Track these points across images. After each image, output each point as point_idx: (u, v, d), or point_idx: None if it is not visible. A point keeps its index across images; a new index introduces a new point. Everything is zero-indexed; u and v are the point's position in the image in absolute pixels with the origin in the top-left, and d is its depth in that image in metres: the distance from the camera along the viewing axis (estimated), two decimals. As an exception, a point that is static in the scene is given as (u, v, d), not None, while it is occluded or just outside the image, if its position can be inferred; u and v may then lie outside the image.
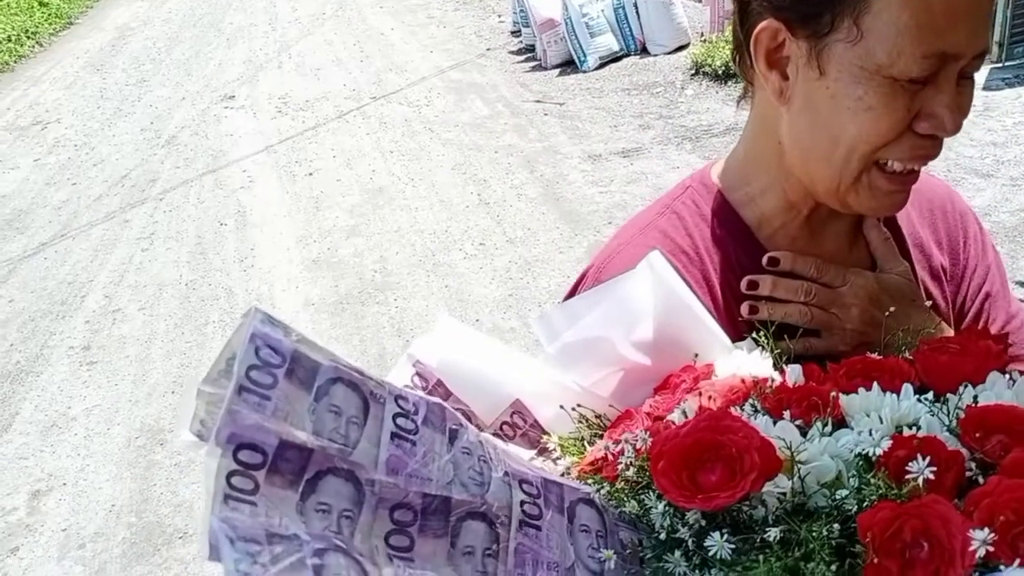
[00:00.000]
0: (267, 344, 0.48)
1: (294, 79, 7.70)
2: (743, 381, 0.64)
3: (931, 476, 0.48)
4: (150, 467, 3.26)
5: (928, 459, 0.48)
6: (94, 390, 3.78)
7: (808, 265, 0.79)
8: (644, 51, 6.78)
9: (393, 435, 0.48)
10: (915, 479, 0.48)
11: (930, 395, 0.59)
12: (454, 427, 0.53)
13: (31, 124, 7.42)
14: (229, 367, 0.49)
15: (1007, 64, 5.27)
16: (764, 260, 0.80)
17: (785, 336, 0.75)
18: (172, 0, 11.46)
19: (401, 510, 0.45)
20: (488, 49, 7.82)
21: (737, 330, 0.76)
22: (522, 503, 0.51)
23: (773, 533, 0.47)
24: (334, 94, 7.17)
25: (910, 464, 0.48)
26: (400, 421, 0.49)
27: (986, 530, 0.44)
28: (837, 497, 0.49)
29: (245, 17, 10.26)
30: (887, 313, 0.75)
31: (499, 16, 8.71)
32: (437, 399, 0.54)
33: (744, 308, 0.78)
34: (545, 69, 6.93)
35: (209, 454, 0.43)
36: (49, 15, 10.93)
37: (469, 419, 0.67)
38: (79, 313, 4.42)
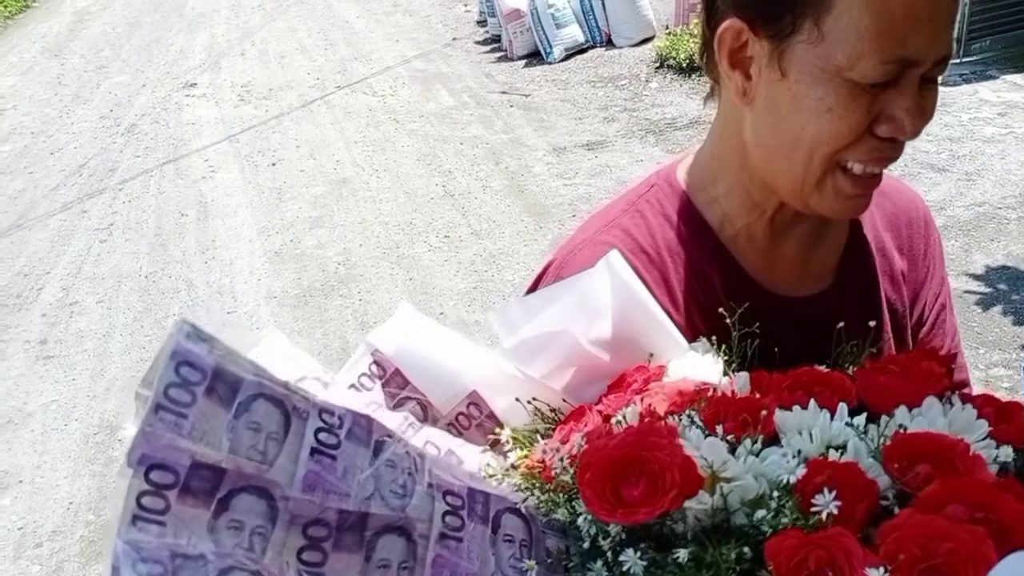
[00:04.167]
0: (187, 361, 0.48)
1: (257, 67, 7.58)
2: (680, 392, 0.64)
3: (835, 511, 0.48)
4: (108, 464, 3.21)
5: (834, 493, 0.48)
6: (51, 385, 3.71)
7: None
8: (609, 43, 6.79)
9: (313, 450, 0.48)
10: (820, 512, 0.48)
11: (864, 416, 0.58)
12: (380, 439, 0.53)
13: (-15, 111, 7.23)
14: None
15: (964, 60, 5.36)
16: None
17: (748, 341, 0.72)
18: (132, -16, 11.22)
19: (315, 526, 0.46)
20: (454, 39, 7.78)
21: (694, 331, 0.75)
22: (444, 514, 0.51)
23: (681, 554, 0.47)
24: (298, 83, 7.07)
25: (816, 497, 0.49)
26: (322, 436, 0.50)
27: (881, 568, 0.44)
28: (756, 518, 0.50)
29: (207, 2, 10.06)
30: None
31: (465, 5, 8.66)
32: (365, 412, 0.54)
33: None
34: (511, 60, 6.91)
35: (120, 474, 0.43)
36: (4, -2, 10.63)
37: (425, 409, 0.67)
38: (35, 306, 4.33)
